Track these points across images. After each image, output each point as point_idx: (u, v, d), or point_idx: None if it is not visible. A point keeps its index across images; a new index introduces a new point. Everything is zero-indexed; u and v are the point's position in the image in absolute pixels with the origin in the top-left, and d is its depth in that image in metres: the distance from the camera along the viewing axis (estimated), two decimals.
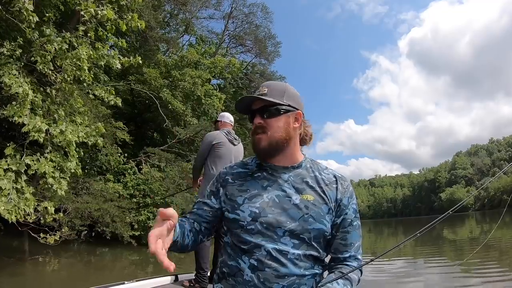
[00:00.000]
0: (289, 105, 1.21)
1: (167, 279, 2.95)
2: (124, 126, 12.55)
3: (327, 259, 1.23)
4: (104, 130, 5.53)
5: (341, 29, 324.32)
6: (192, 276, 3.20)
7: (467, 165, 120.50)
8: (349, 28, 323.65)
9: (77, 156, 5.26)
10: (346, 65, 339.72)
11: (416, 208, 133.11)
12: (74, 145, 5.06)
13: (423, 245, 11.07)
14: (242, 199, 1.18)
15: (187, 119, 15.87)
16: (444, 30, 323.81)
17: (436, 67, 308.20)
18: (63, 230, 6.85)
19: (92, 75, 6.64)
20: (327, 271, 1.22)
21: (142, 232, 10.49)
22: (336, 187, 1.22)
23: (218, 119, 3.92)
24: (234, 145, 3.70)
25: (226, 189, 1.24)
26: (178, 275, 3.02)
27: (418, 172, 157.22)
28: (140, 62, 6.27)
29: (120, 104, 6.09)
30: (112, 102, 5.91)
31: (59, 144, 4.90)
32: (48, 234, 7.26)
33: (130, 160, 11.81)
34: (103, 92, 5.99)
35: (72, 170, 5.16)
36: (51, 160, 4.85)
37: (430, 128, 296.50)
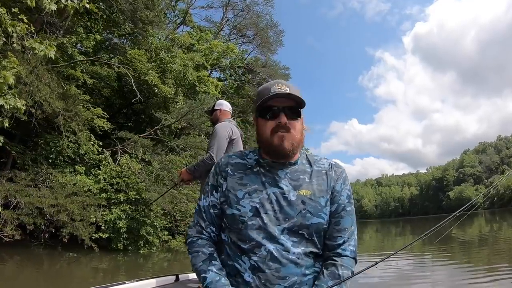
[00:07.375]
0: None
1: (168, 279, 2.71)
2: (104, 113, 11.12)
3: None
4: (11, 80, 3.95)
5: (344, 27, 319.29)
6: (193, 276, 2.86)
7: (475, 163, 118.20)
8: (352, 26, 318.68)
9: None
10: (350, 63, 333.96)
11: (424, 207, 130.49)
12: None
13: (431, 245, 10.05)
14: (242, 193, 1.14)
15: (179, 106, 14.36)
16: (450, 25, 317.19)
17: (442, 63, 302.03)
18: (3, 229, 5.33)
19: (31, 29, 5.10)
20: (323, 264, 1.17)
21: (112, 234, 8.77)
22: (330, 175, 1.21)
23: (216, 107, 3.28)
24: (242, 140, 3.20)
25: (227, 181, 1.18)
26: (179, 275, 2.77)
27: (425, 171, 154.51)
28: (87, 6, 4.72)
29: (52, 56, 4.53)
30: (42, 53, 4.34)
31: None
32: None
33: (104, 150, 10.11)
34: (36, 43, 4.40)
35: None
36: None
37: (436, 126, 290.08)
